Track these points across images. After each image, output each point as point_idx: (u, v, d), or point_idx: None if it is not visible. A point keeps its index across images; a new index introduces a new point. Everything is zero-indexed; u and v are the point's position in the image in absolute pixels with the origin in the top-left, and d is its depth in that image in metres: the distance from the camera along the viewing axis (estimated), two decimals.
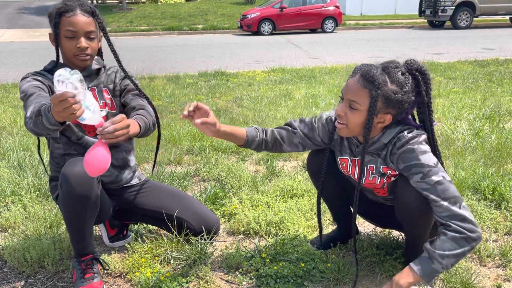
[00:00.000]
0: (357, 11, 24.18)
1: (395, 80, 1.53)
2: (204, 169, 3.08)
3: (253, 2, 24.76)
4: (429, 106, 1.62)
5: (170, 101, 5.33)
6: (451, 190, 1.52)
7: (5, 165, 3.15)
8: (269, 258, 1.95)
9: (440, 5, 15.99)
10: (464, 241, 1.48)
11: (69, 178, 1.61)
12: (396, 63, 1.57)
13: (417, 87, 1.58)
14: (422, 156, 1.54)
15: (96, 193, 1.68)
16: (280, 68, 7.77)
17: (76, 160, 1.68)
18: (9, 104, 5.26)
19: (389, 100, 1.53)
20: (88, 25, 1.76)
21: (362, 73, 1.53)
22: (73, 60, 1.80)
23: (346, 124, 1.60)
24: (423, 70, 1.59)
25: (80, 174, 1.62)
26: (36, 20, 19.64)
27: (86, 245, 1.79)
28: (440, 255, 1.49)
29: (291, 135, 1.81)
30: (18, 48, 12.25)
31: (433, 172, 1.53)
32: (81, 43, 1.75)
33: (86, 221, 1.71)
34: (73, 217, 1.69)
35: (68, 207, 1.66)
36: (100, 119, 1.48)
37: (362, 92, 1.53)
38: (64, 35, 1.75)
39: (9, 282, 1.91)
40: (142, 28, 17.68)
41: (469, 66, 7.60)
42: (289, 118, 4.32)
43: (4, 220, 2.37)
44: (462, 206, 1.51)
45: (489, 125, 4.01)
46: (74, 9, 1.74)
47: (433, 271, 1.52)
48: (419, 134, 1.59)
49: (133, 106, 1.90)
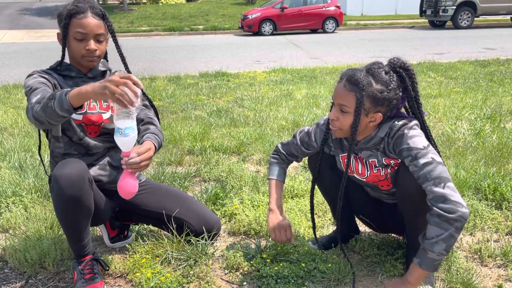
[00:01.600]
0: (358, 11, 24.17)
1: (379, 80, 1.59)
2: (205, 170, 3.08)
3: (254, 3, 24.77)
4: (417, 99, 1.69)
5: (171, 101, 5.34)
6: (437, 171, 1.54)
7: (6, 166, 3.16)
8: (270, 259, 1.95)
9: (441, 5, 15.98)
10: (447, 223, 1.50)
11: (59, 180, 1.60)
12: (379, 64, 1.64)
13: (402, 83, 1.64)
14: (411, 140, 1.60)
15: (87, 194, 1.66)
16: (281, 68, 7.77)
17: (66, 162, 1.66)
18: (10, 105, 5.27)
19: (377, 99, 1.59)
20: (98, 27, 1.77)
21: (347, 78, 1.62)
22: (81, 61, 1.81)
23: (340, 127, 1.67)
24: (406, 66, 1.65)
25: (70, 175, 1.60)
26: (37, 21, 19.67)
27: (84, 246, 1.78)
28: (430, 244, 1.53)
29: (296, 148, 1.95)
30: (20, 49, 12.27)
31: (421, 154, 1.57)
32: (90, 45, 1.76)
33: (81, 222, 1.70)
34: (67, 219, 1.68)
35: (60, 209, 1.65)
36: (131, 148, 1.54)
37: (349, 95, 1.60)
38: (74, 36, 1.75)
39: (10, 282, 1.91)
40: (143, 28, 17.70)
41: (470, 66, 7.59)
42: (290, 118, 4.32)
43: (5, 220, 2.37)
44: (447, 186, 1.52)
45: (490, 125, 4.00)
46: (85, 11, 1.74)
47: (432, 261, 1.56)
48: (409, 120, 1.66)
49: (141, 118, 1.91)
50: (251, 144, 3.61)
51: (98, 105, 1.89)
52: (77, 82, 1.86)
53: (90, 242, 1.82)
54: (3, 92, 6.07)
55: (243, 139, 3.72)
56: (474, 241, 2.15)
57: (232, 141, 3.72)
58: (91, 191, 1.69)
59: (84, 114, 1.87)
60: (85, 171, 1.66)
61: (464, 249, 2.08)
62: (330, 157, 1.91)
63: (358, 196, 2.00)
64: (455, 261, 1.94)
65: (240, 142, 3.64)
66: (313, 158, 1.95)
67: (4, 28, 17.65)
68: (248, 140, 3.70)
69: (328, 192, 2.00)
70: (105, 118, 1.91)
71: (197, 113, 4.80)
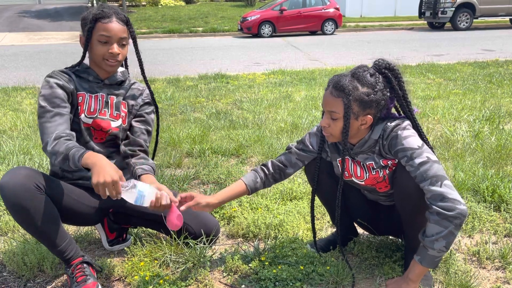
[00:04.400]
0: (357, 13, 24.19)
1: (365, 83, 1.61)
2: (204, 172, 3.08)
3: (253, 5, 24.80)
4: (405, 98, 1.70)
5: (170, 103, 5.34)
6: (434, 170, 1.55)
7: (5, 169, 3.15)
8: (268, 261, 1.95)
9: (440, 6, 16.00)
10: (446, 221, 1.52)
11: (2, 189, 1.61)
12: (364, 67, 1.66)
13: (389, 83, 1.66)
14: (405, 140, 1.62)
15: (35, 201, 1.63)
16: (280, 70, 7.78)
17: (12, 170, 1.65)
18: (9, 108, 5.27)
19: (364, 103, 1.61)
20: (122, 32, 1.81)
21: (333, 85, 1.64)
22: (101, 64, 1.83)
23: (331, 133, 1.69)
24: (391, 67, 1.67)
25: (11, 183, 1.60)
26: (36, 24, 19.68)
27: (62, 251, 1.76)
28: (430, 241, 1.55)
29: (289, 156, 1.93)
30: (19, 51, 12.28)
31: (416, 154, 1.59)
32: (114, 49, 1.79)
33: (42, 228, 1.67)
34: (26, 227, 1.68)
35: (14, 217, 1.66)
36: (152, 196, 1.64)
37: (336, 101, 1.62)
38: (98, 39, 1.78)
39: (9, 286, 1.91)
40: (142, 31, 17.70)
41: (469, 67, 7.60)
42: (289, 120, 4.33)
43: (4, 223, 2.37)
44: (444, 184, 1.53)
45: (489, 126, 4.00)
46: (110, 16, 1.79)
47: (432, 257, 1.58)
48: (401, 121, 1.68)
49: (138, 143, 1.95)
50: (250, 146, 3.61)
51: (109, 112, 1.91)
52: (93, 87, 1.89)
53: (72, 246, 1.79)
54: (2, 95, 6.07)
55: (242, 141, 3.72)
56: (472, 243, 2.15)
57: (231, 143, 3.72)
58: (42, 197, 1.65)
59: (94, 119, 1.88)
60: (28, 177, 1.63)
61: (463, 251, 2.09)
62: (327, 164, 1.92)
63: (356, 199, 2.00)
64: (453, 263, 1.94)
65: (239, 144, 3.64)
66: (311, 168, 1.93)
67: (3, 30, 17.65)
68: (247, 142, 3.70)
69: (327, 198, 1.99)
70: (114, 126, 1.92)
71: (196, 115, 4.81)
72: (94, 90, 1.89)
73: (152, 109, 2.05)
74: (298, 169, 1.94)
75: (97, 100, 1.88)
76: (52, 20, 20.63)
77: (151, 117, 2.04)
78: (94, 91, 1.89)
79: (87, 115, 1.87)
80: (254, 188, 1.89)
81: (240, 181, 1.89)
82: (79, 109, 1.86)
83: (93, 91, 1.89)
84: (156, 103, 2.06)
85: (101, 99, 1.90)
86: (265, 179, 1.91)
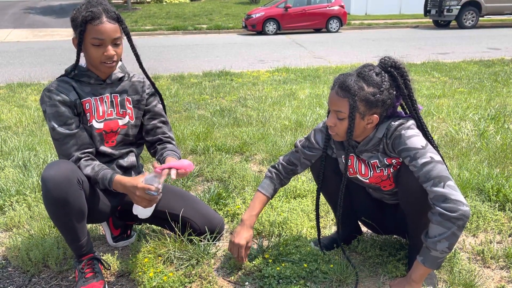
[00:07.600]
0: (362, 11, 24.12)
1: (371, 83, 1.60)
2: (208, 169, 3.09)
3: (258, 2, 24.75)
4: (411, 96, 1.68)
5: (175, 101, 5.35)
6: (437, 170, 1.54)
7: (10, 165, 3.17)
8: (272, 259, 1.95)
9: (445, 4, 15.91)
10: (449, 222, 1.51)
11: (45, 182, 1.60)
12: (370, 66, 1.64)
13: (395, 82, 1.64)
14: (408, 140, 1.60)
15: (75, 196, 1.64)
16: (284, 68, 7.76)
17: (54, 163, 1.66)
18: (14, 104, 5.30)
19: (370, 102, 1.60)
20: (114, 32, 1.74)
21: (339, 84, 1.63)
22: (99, 67, 1.79)
23: (337, 132, 1.69)
24: (397, 65, 1.65)
25: (57, 176, 1.60)
26: (41, 20, 19.74)
27: (81, 246, 1.78)
28: (433, 242, 1.54)
29: (297, 155, 1.94)
30: (24, 48, 12.32)
31: (420, 154, 1.57)
32: (109, 51, 1.74)
33: (73, 223, 1.69)
34: (58, 220, 1.68)
35: (50, 210, 1.66)
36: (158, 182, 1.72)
37: (342, 101, 1.62)
38: (91, 43, 1.72)
39: (14, 281, 1.92)
40: (147, 28, 17.72)
41: (475, 66, 7.56)
42: (293, 118, 4.32)
43: (9, 219, 2.39)
44: (447, 185, 1.52)
45: (494, 125, 3.98)
46: (100, 17, 1.70)
47: (435, 258, 1.57)
48: (406, 120, 1.67)
49: (159, 138, 2.00)
50: (254, 144, 3.61)
51: (115, 111, 1.89)
52: (96, 89, 1.85)
53: (89, 242, 1.82)
54: (8, 91, 6.10)
55: (246, 138, 3.72)
56: (476, 243, 2.14)
57: (235, 140, 3.72)
58: (81, 192, 1.67)
59: (104, 121, 1.86)
60: (72, 172, 1.64)
61: (467, 250, 2.08)
62: (333, 161, 1.91)
63: (361, 197, 2.00)
64: (457, 262, 1.94)
65: (243, 142, 3.64)
66: (316, 165, 1.94)
67: (9, 27, 17.71)
68: (251, 140, 3.70)
69: (332, 195, 1.99)
70: (121, 124, 1.91)
71: (200, 112, 4.81)
72: (97, 92, 1.85)
73: (158, 100, 2.02)
74: (307, 167, 1.96)
75: (103, 102, 1.86)
76: (57, 16, 20.68)
77: (160, 107, 2.01)
78: (98, 94, 1.85)
79: (98, 120, 1.84)
80: (273, 195, 1.98)
81: (261, 195, 1.93)
82: (88, 115, 1.82)
83: (97, 93, 1.85)
84: (159, 91, 2.03)
85: (107, 100, 1.86)
86: (280, 184, 1.99)
